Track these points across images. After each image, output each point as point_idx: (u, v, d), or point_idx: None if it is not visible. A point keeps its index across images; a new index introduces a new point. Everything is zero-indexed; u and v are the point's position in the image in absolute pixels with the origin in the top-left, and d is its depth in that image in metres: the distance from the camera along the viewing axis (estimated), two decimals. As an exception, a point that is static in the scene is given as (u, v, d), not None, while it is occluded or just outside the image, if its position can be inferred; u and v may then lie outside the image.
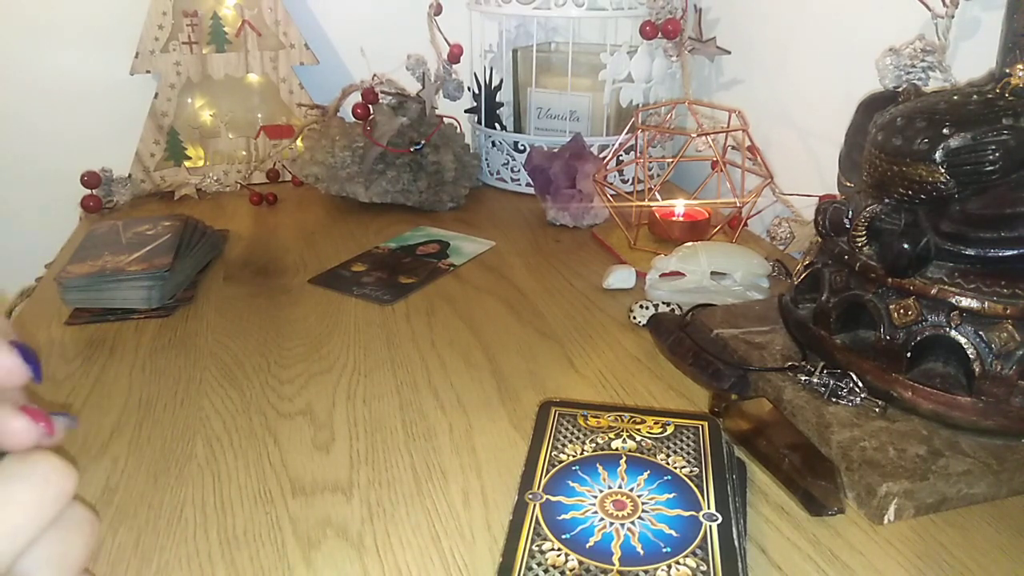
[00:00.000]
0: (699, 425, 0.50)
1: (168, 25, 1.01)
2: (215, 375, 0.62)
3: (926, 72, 0.67)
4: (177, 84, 1.04)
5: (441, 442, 0.54)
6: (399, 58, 1.03)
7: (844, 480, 0.47)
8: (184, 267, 0.78)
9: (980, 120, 0.48)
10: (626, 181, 1.07)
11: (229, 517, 0.46)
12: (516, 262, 0.85)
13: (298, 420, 0.56)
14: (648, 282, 0.74)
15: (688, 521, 0.42)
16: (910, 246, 0.49)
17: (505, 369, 0.63)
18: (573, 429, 0.50)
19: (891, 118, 0.53)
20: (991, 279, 0.48)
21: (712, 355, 0.59)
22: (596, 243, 0.91)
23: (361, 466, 0.51)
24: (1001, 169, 0.48)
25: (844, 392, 0.53)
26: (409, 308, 0.74)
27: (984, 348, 0.48)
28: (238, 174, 1.10)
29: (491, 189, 1.12)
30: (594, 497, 0.43)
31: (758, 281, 0.75)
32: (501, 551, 0.40)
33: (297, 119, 1.11)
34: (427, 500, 0.48)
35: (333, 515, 0.47)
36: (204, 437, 0.54)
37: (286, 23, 1.07)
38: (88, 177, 1.00)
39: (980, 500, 0.47)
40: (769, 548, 0.44)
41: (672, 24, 0.95)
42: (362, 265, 0.84)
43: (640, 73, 1.02)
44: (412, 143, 1.01)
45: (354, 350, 0.66)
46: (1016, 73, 0.50)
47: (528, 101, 1.08)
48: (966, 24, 0.67)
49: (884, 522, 0.45)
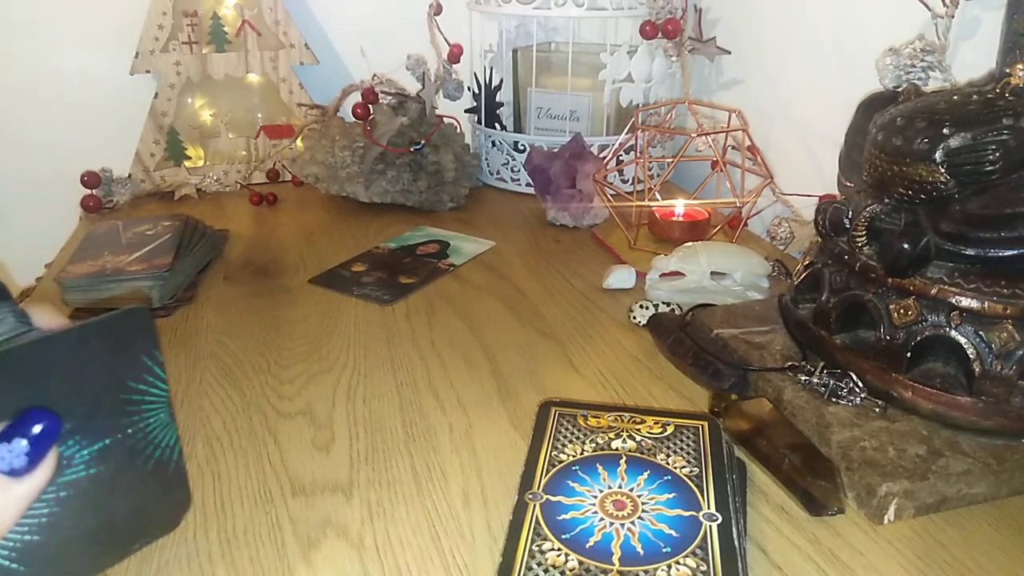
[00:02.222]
0: (699, 425, 0.50)
1: (168, 25, 1.01)
2: (215, 375, 0.62)
3: (926, 72, 0.67)
4: (177, 84, 1.04)
5: (441, 442, 0.54)
6: (399, 58, 1.03)
7: (844, 480, 0.47)
8: (184, 267, 0.78)
9: (980, 120, 0.48)
10: (626, 181, 1.07)
11: (229, 517, 0.46)
12: (516, 262, 0.85)
13: (298, 420, 0.56)
14: (648, 282, 0.74)
15: (688, 521, 0.42)
16: (910, 246, 0.49)
17: (505, 369, 0.63)
18: (573, 429, 0.50)
19: (891, 118, 0.53)
20: (991, 279, 0.48)
21: (712, 355, 0.59)
22: (596, 243, 0.91)
23: (361, 466, 0.51)
24: (1001, 169, 0.48)
25: (844, 392, 0.53)
26: (409, 308, 0.74)
27: (984, 348, 0.48)
28: (238, 174, 1.10)
29: (491, 189, 1.12)
30: (594, 497, 0.43)
31: (758, 281, 0.75)
32: (501, 551, 0.40)
33: (297, 119, 1.11)
34: (427, 500, 0.48)
35: (333, 515, 0.46)
36: (204, 437, 0.54)
37: (286, 23, 1.07)
38: (88, 177, 1.00)
39: (980, 500, 0.47)
40: (769, 548, 0.44)
41: (672, 24, 0.95)
42: (362, 265, 0.84)
43: (640, 73, 1.02)
44: (412, 143, 1.01)
45: (354, 350, 0.66)
46: (1016, 73, 0.50)
47: (528, 101, 1.08)
48: (966, 24, 0.67)
49: (884, 522, 0.45)
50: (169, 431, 0.31)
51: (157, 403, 0.31)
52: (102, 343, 0.28)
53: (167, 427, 0.31)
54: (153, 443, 0.31)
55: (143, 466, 0.31)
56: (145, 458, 0.31)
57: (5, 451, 0.25)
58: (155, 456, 0.31)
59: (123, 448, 0.29)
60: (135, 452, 0.30)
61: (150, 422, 0.30)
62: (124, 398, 0.29)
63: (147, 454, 0.31)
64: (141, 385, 0.30)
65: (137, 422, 0.30)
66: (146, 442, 0.30)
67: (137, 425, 0.30)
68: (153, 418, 0.30)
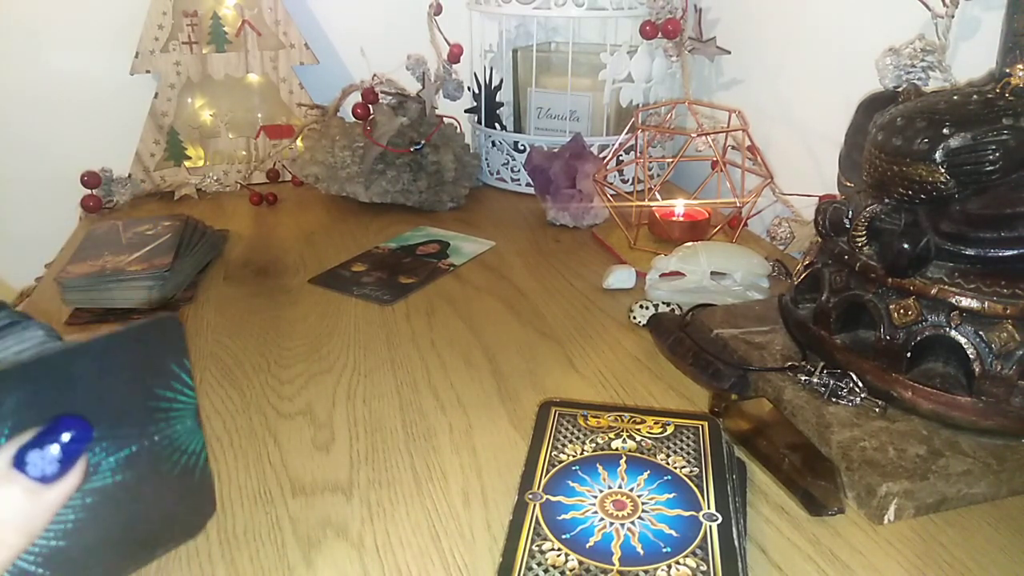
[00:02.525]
0: (699, 425, 0.50)
1: (168, 25, 1.01)
2: (215, 375, 0.62)
3: (926, 72, 0.67)
4: (177, 84, 1.04)
5: (441, 442, 0.54)
6: (399, 58, 1.02)
7: (844, 480, 0.47)
8: (184, 267, 0.78)
9: (980, 120, 0.48)
10: (626, 181, 1.07)
11: (229, 517, 0.46)
12: (516, 262, 0.85)
13: (298, 420, 0.56)
14: (648, 282, 0.74)
15: (688, 521, 0.42)
16: (910, 246, 0.49)
17: (505, 369, 0.63)
18: (573, 429, 0.50)
19: (891, 118, 0.53)
20: (991, 279, 0.48)
21: (712, 355, 0.59)
22: (596, 243, 0.91)
23: (361, 466, 0.51)
24: (1001, 169, 0.48)
25: (844, 392, 0.53)
26: (409, 308, 0.74)
27: (984, 348, 0.48)
28: (238, 174, 1.10)
29: (491, 189, 1.12)
30: (594, 497, 0.43)
31: (758, 281, 0.75)
32: (501, 551, 0.40)
33: (297, 119, 1.11)
34: (427, 500, 0.48)
35: (333, 515, 0.46)
36: (204, 437, 0.54)
37: (286, 23, 1.07)
38: (88, 177, 1.00)
39: (980, 500, 0.47)
40: (769, 548, 0.44)
41: (672, 24, 0.95)
42: (362, 265, 0.84)
43: (640, 73, 1.02)
44: (412, 143, 1.01)
45: (354, 350, 0.66)
46: (1016, 73, 0.50)
47: (528, 101, 1.08)
48: (966, 24, 0.67)
49: (884, 522, 0.45)
50: (195, 437, 0.31)
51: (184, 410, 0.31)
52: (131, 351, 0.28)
53: (193, 433, 0.31)
54: (179, 450, 0.31)
55: (168, 472, 0.31)
56: (171, 465, 0.31)
57: (38, 457, 0.25)
58: (181, 463, 0.31)
59: (149, 455, 0.29)
60: (161, 459, 0.30)
61: (176, 429, 0.30)
62: (151, 405, 0.29)
63: (173, 461, 0.31)
64: (168, 392, 0.30)
65: (164, 429, 0.30)
66: (172, 449, 0.30)
67: (163, 432, 0.30)
68: (180, 425, 0.30)
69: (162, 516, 0.31)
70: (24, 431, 0.25)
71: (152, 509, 0.30)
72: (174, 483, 0.31)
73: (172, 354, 0.30)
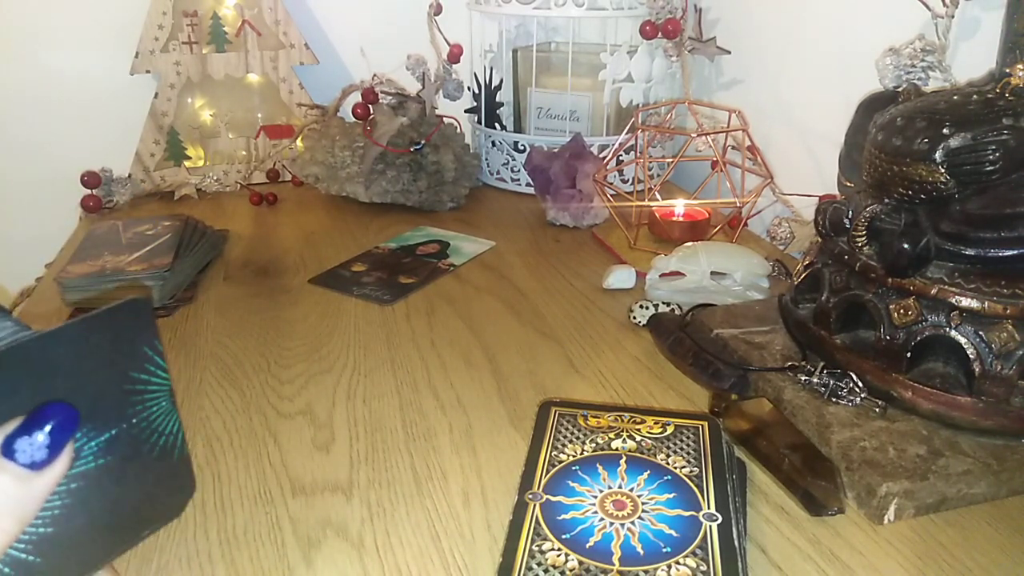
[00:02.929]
0: (699, 425, 0.50)
1: (168, 25, 1.01)
2: (215, 375, 0.62)
3: (926, 72, 0.67)
4: (177, 84, 1.04)
5: (441, 442, 0.54)
6: (399, 58, 1.03)
7: (844, 480, 0.47)
8: (184, 267, 0.78)
9: (980, 120, 0.48)
10: (626, 181, 1.07)
11: (229, 517, 0.46)
12: (516, 262, 0.85)
13: (298, 420, 0.56)
14: (648, 282, 0.74)
15: (688, 521, 0.42)
16: (910, 246, 0.49)
17: (505, 369, 0.63)
18: (573, 429, 0.50)
19: (891, 118, 0.53)
20: (991, 279, 0.48)
21: (712, 355, 0.59)
22: (596, 243, 0.91)
23: (361, 466, 0.51)
24: (1001, 169, 0.48)
25: (844, 392, 0.53)
26: (409, 308, 0.74)
27: (984, 348, 0.48)
28: (238, 174, 1.10)
29: (491, 189, 1.12)
30: (594, 497, 0.43)
31: (758, 281, 0.75)
32: (501, 551, 0.40)
33: (297, 119, 1.11)
34: (427, 500, 0.48)
35: (333, 515, 0.47)
36: (204, 437, 0.54)
37: (286, 23, 1.07)
38: (88, 177, 1.00)
39: (980, 500, 0.47)
40: (769, 548, 0.44)
41: (672, 24, 0.95)
42: (362, 265, 0.84)
43: (640, 73, 1.02)
44: (412, 143, 1.01)
45: (354, 350, 0.66)
46: (1016, 73, 0.50)
47: (528, 101, 1.08)
48: (966, 24, 0.67)
49: (884, 522, 0.45)
50: (171, 418, 0.32)
51: (159, 392, 0.31)
52: (103, 335, 0.29)
53: (169, 415, 0.32)
54: (157, 431, 0.31)
55: (148, 454, 0.31)
56: (150, 446, 0.31)
57: (26, 444, 0.25)
58: (159, 444, 0.32)
59: (129, 437, 0.30)
60: (140, 441, 0.31)
61: (153, 411, 0.31)
62: (127, 388, 0.30)
63: (152, 442, 0.31)
64: (143, 375, 0.30)
65: (141, 411, 0.31)
66: (150, 430, 0.31)
67: (141, 414, 0.31)
68: (156, 406, 0.31)
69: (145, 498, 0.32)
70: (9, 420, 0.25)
71: (135, 492, 0.31)
72: (154, 465, 0.32)
73: (143, 336, 0.30)
